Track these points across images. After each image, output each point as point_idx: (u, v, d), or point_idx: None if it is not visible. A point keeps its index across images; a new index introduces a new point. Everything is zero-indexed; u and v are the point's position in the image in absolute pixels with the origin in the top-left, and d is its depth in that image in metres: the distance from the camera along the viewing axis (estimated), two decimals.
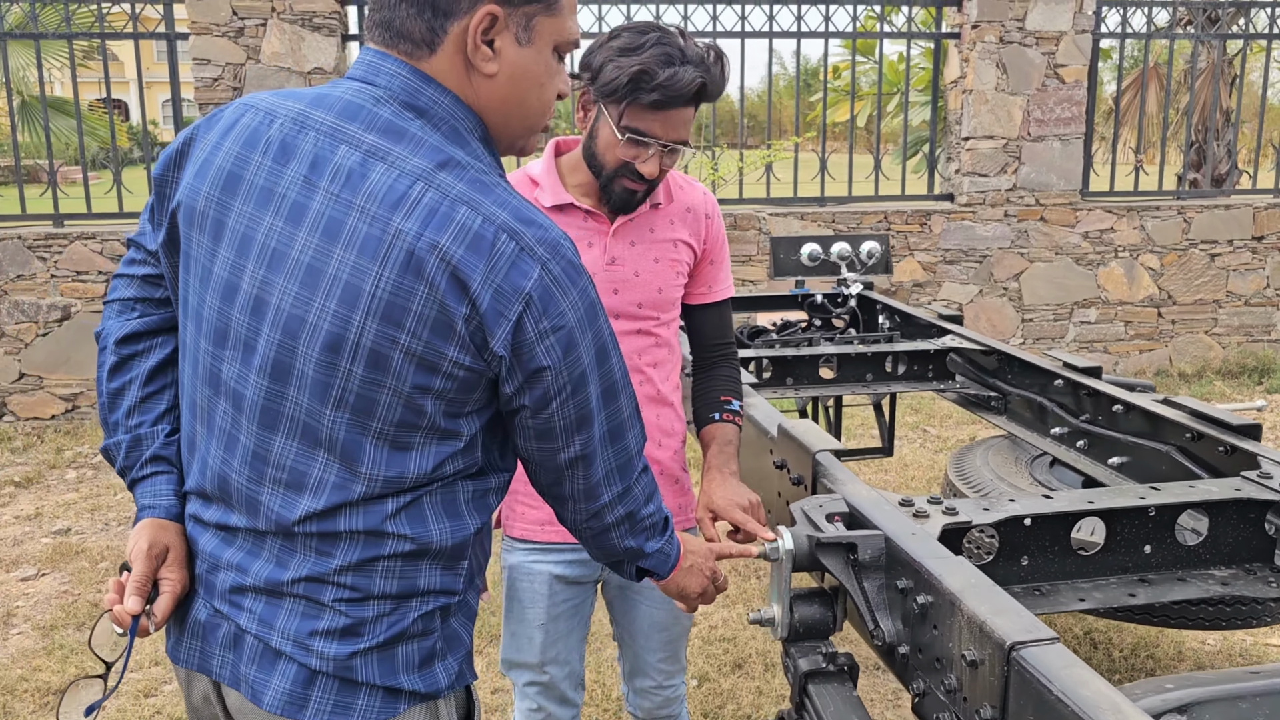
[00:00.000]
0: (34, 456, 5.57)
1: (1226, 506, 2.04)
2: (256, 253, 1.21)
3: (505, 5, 1.21)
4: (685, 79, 1.72)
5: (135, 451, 1.36)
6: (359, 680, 1.24)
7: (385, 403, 1.19)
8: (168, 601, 1.28)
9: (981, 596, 1.51)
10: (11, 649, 3.51)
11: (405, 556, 1.25)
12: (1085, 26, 6.60)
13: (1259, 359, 7.14)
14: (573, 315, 1.22)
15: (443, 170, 1.18)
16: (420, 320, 1.16)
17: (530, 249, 1.18)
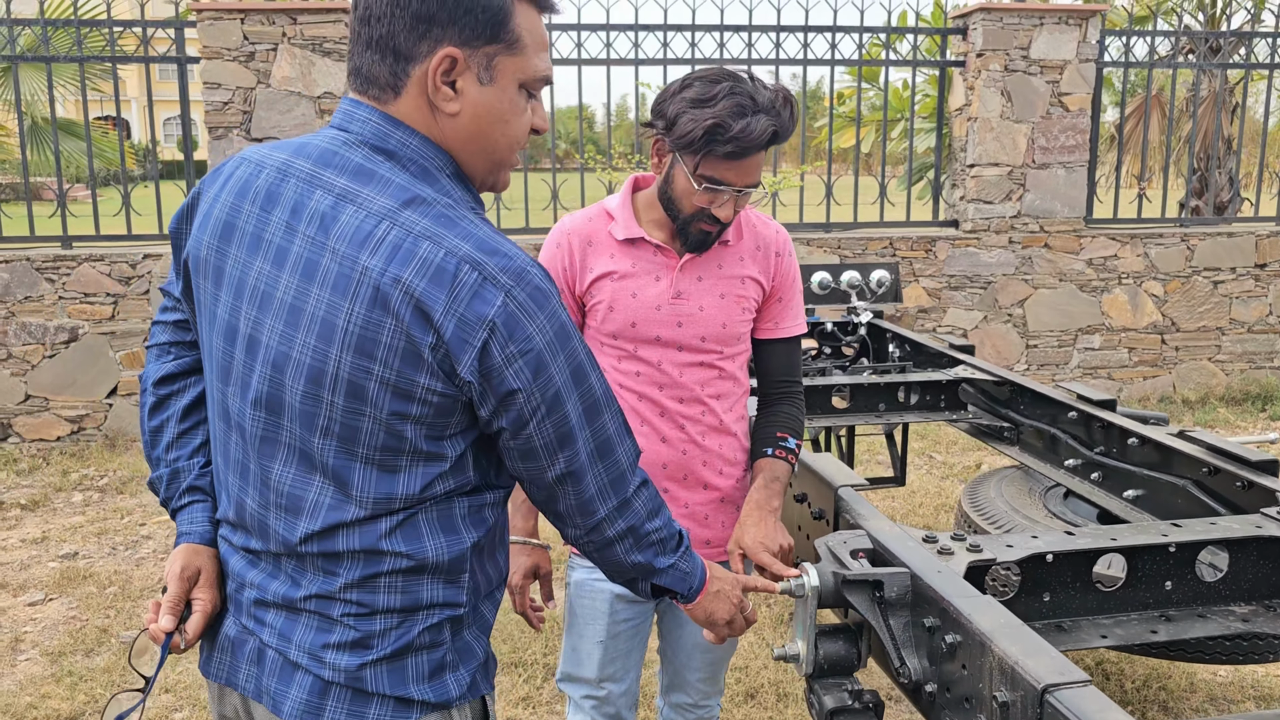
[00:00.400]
0: (40, 479, 5.56)
1: (1247, 543, 2.05)
2: (249, 295, 1.28)
3: (464, 47, 1.26)
4: (758, 129, 1.76)
5: (174, 483, 1.45)
6: (370, 690, 1.30)
7: (367, 429, 1.25)
8: (198, 620, 1.35)
9: (1013, 638, 1.51)
10: (20, 675, 3.50)
11: (404, 573, 1.30)
12: (1089, 55, 6.66)
13: (1262, 386, 7.16)
14: (540, 339, 1.25)
15: (407, 208, 1.23)
16: (391, 350, 1.21)
17: (493, 278, 1.21)
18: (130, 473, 5.58)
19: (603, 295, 1.95)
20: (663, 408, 1.98)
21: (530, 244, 6.41)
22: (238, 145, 5.98)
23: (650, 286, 1.94)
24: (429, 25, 1.24)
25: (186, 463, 1.45)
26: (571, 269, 1.98)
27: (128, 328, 6.03)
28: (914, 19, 6.91)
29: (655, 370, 1.96)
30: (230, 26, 5.87)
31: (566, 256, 1.97)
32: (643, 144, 6.96)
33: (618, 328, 1.95)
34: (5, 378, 5.97)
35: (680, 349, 1.97)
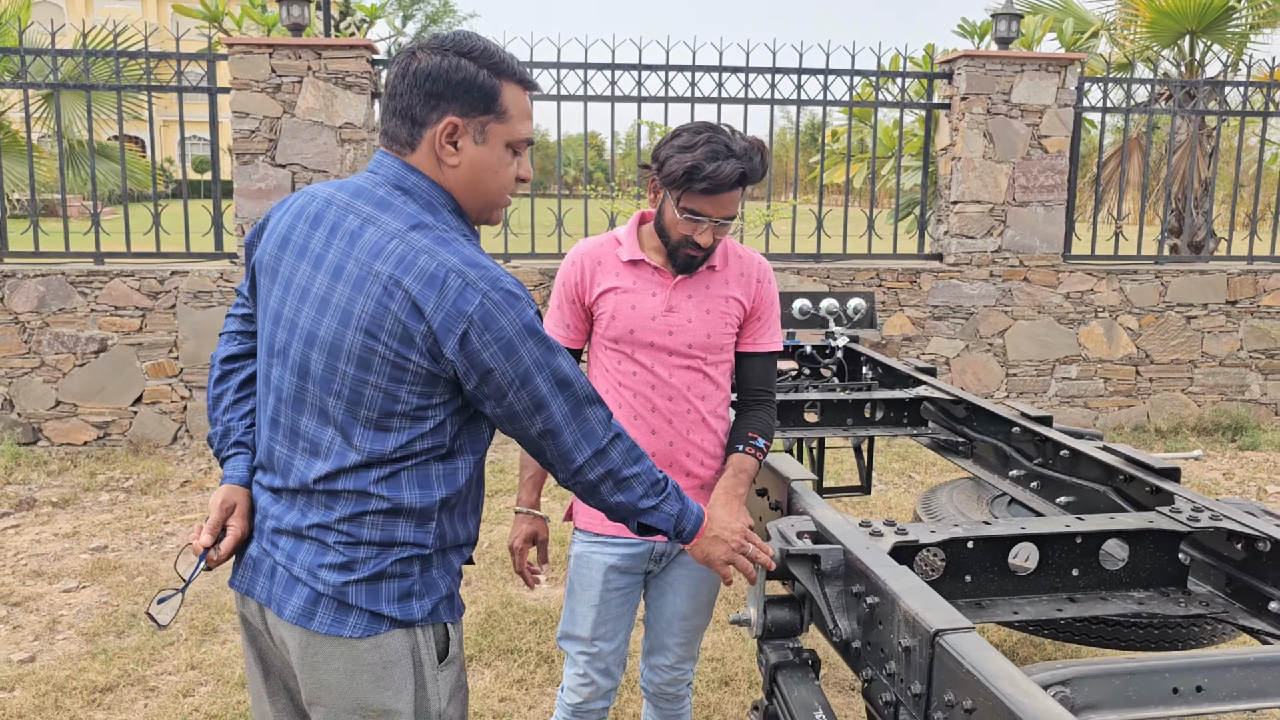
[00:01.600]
0: (69, 480, 5.91)
1: (1145, 537, 2.37)
2: (294, 290, 1.71)
3: (463, 116, 1.67)
4: (726, 171, 2.16)
5: (226, 439, 1.87)
6: (351, 603, 1.67)
7: (369, 395, 1.63)
8: (229, 541, 1.76)
9: (915, 596, 1.84)
10: (58, 652, 3.83)
11: (385, 513, 1.67)
12: (1067, 101, 7.04)
13: (1233, 417, 7.47)
14: (510, 329, 1.61)
15: (413, 230, 1.63)
16: (391, 335, 1.60)
17: (473, 284, 1.59)
18: (154, 476, 5.93)
19: (607, 306, 2.34)
20: (654, 404, 2.34)
21: (535, 267, 6.78)
22: (263, 170, 6.37)
23: (648, 300, 2.33)
24: (438, 100, 1.67)
25: (237, 423, 1.86)
26: (583, 283, 2.37)
27: (154, 340, 6.39)
28: (903, 63, 7.29)
29: (648, 372, 2.33)
30: (259, 60, 6.27)
31: (579, 273, 2.38)
32: (644, 179, 7.35)
33: (619, 334, 2.33)
34: (38, 384, 6.33)
35: (671, 354, 2.34)
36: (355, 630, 1.67)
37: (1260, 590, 2.25)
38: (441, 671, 1.76)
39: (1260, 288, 7.48)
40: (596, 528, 2.41)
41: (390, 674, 1.69)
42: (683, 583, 2.48)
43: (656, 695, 2.60)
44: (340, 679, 1.69)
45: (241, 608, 1.82)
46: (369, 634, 1.67)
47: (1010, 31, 7.04)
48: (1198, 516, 2.35)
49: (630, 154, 14.61)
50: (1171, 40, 8.58)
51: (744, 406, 2.48)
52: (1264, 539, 2.24)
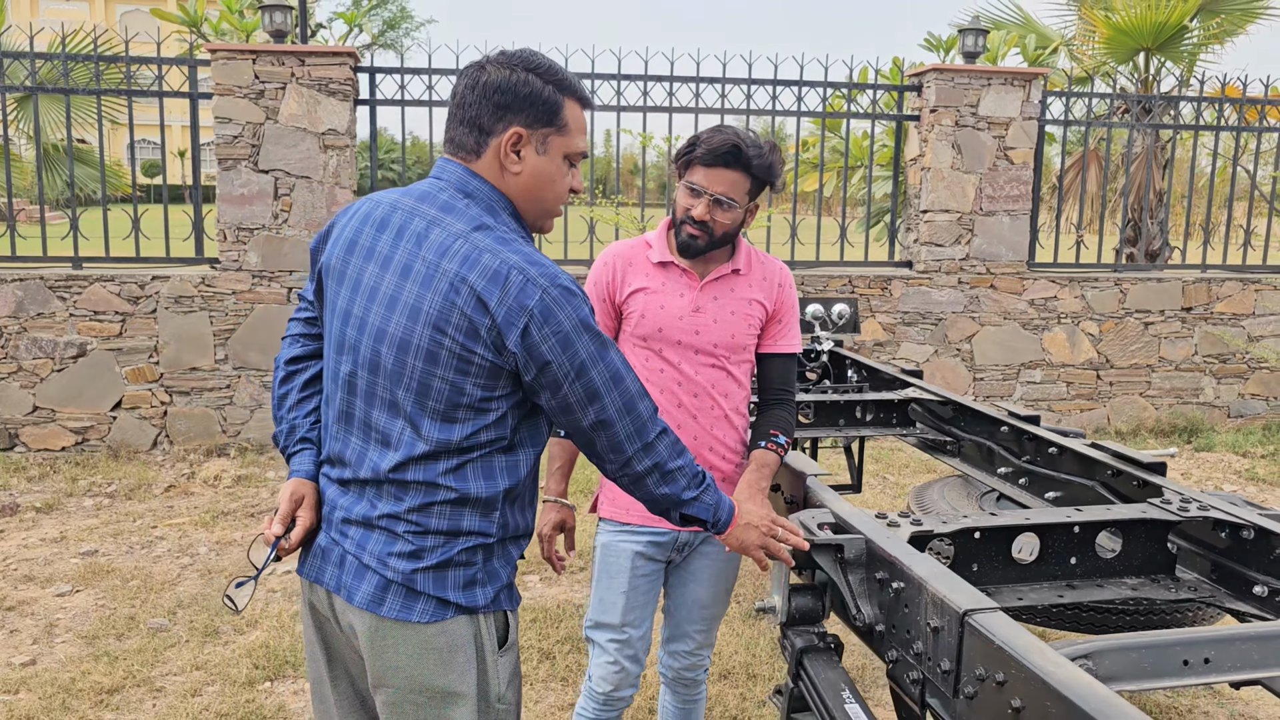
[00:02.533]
0: (50, 485, 5.87)
1: (1136, 527, 2.52)
2: (362, 290, 1.79)
3: (527, 127, 1.77)
4: (719, 140, 2.33)
5: (292, 435, 1.95)
6: (419, 590, 1.75)
7: (437, 387, 1.71)
8: (298, 531, 1.84)
9: (942, 580, 1.97)
10: (59, 655, 3.83)
11: (453, 503, 1.75)
12: (1032, 114, 7.28)
13: (1188, 419, 7.76)
14: (568, 324, 1.70)
15: (476, 231, 1.72)
16: (457, 329, 1.68)
17: (534, 280, 1.68)
18: (137, 481, 5.91)
19: (637, 305, 2.46)
20: (679, 400, 2.45)
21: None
22: (245, 176, 6.38)
23: (676, 301, 2.45)
24: (505, 111, 1.77)
25: (302, 420, 1.95)
26: (614, 282, 2.50)
27: (134, 345, 6.37)
28: (874, 75, 7.50)
29: (675, 369, 2.45)
30: (242, 66, 6.29)
31: (611, 273, 2.50)
32: (673, 176, 7.47)
33: (647, 332, 2.44)
34: (15, 389, 6.28)
35: (697, 352, 2.46)
36: (423, 616, 1.75)
37: (1245, 575, 2.41)
38: (502, 657, 1.85)
39: (1213, 295, 7.78)
40: (622, 517, 2.52)
41: (454, 658, 1.78)
42: (704, 572, 2.60)
43: (675, 680, 2.71)
44: (407, 662, 1.77)
45: (309, 595, 1.89)
46: (436, 619, 1.76)
47: (977, 46, 7.27)
48: (1187, 507, 2.51)
49: (605, 159, 14.70)
50: (1127, 57, 8.89)
51: (765, 405, 2.60)
52: (1248, 527, 2.40)
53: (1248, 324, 7.86)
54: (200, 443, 6.52)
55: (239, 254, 6.46)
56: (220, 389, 6.54)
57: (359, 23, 7.00)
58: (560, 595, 4.44)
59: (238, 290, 6.48)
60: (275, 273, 6.50)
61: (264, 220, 6.45)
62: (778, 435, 2.50)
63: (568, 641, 3.95)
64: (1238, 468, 6.87)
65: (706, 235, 2.41)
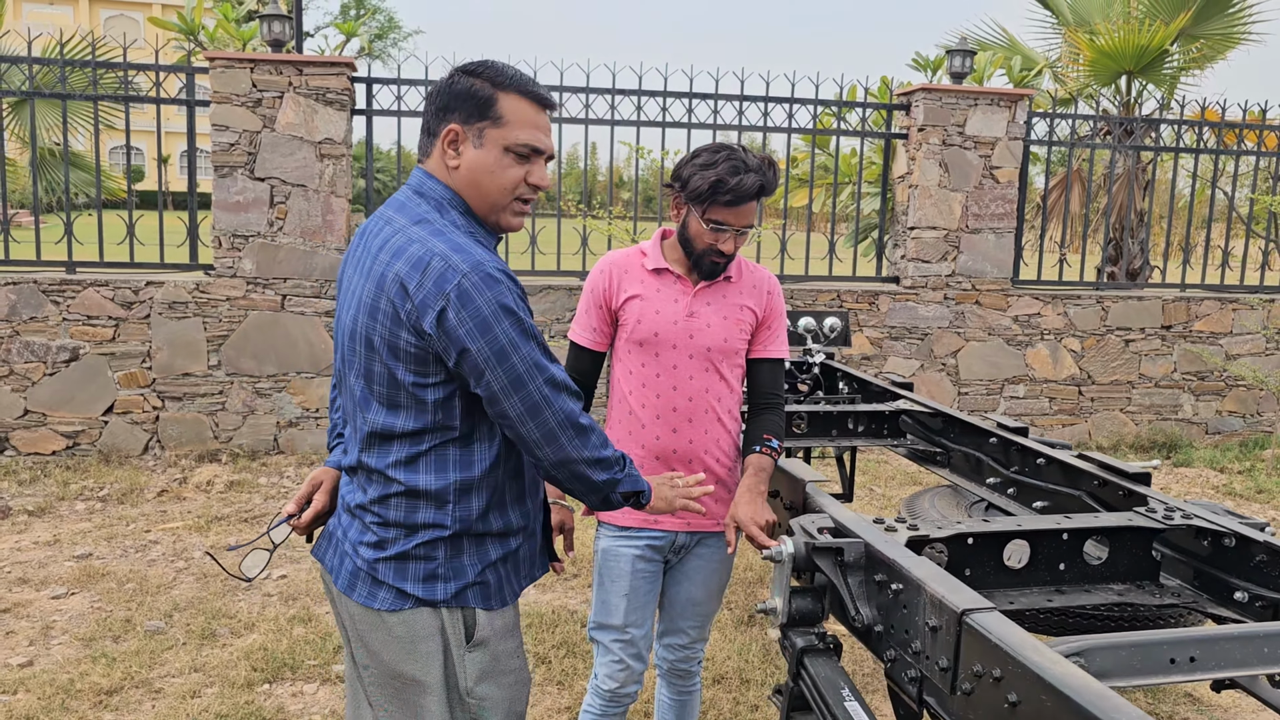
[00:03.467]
0: (41, 489, 5.88)
1: (1123, 535, 2.61)
2: (347, 295, 1.92)
3: (463, 124, 1.87)
4: (748, 183, 2.41)
5: (332, 432, 2.16)
6: (380, 579, 1.86)
7: (378, 372, 1.82)
8: (309, 513, 2.02)
9: (940, 581, 2.05)
10: (56, 656, 3.86)
11: (405, 496, 1.84)
12: (1017, 134, 7.42)
13: (1168, 435, 7.90)
14: (486, 309, 1.74)
15: (415, 225, 1.82)
16: (385, 314, 1.78)
17: (454, 266, 1.74)
18: (129, 485, 5.93)
19: (633, 311, 2.54)
20: (674, 404, 2.53)
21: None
22: (241, 183, 6.43)
23: (670, 306, 2.54)
24: (444, 111, 1.89)
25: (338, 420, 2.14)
26: (610, 289, 2.57)
27: (127, 349, 6.39)
28: (863, 94, 7.62)
29: (671, 373, 2.53)
30: (240, 74, 6.34)
31: (607, 280, 2.58)
32: (665, 196, 7.57)
33: (644, 336, 2.52)
34: (6, 393, 6.28)
35: (691, 356, 2.54)
36: (384, 604, 1.86)
37: (1226, 581, 2.50)
38: (470, 653, 1.91)
39: (1193, 314, 7.93)
40: (620, 521, 2.59)
41: (417, 648, 1.87)
42: (698, 572, 2.68)
43: (670, 672, 2.79)
44: (377, 647, 1.89)
45: (324, 575, 2.03)
46: (395, 609, 1.86)
47: (964, 67, 7.41)
48: (1171, 515, 2.60)
49: (573, 171, 14.76)
50: (1110, 79, 9.06)
51: (756, 410, 2.68)
52: (1230, 535, 2.49)
53: (1225, 342, 8.02)
54: (192, 448, 6.54)
55: (234, 261, 6.50)
56: (213, 395, 6.56)
57: (354, 33, 7.06)
58: (555, 601, 4.49)
59: (232, 297, 6.51)
60: (269, 280, 6.54)
61: (259, 227, 6.49)
62: (771, 440, 2.59)
63: (563, 646, 4.00)
64: (1215, 483, 7.00)
65: (726, 260, 2.52)
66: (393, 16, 43.60)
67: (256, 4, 8.44)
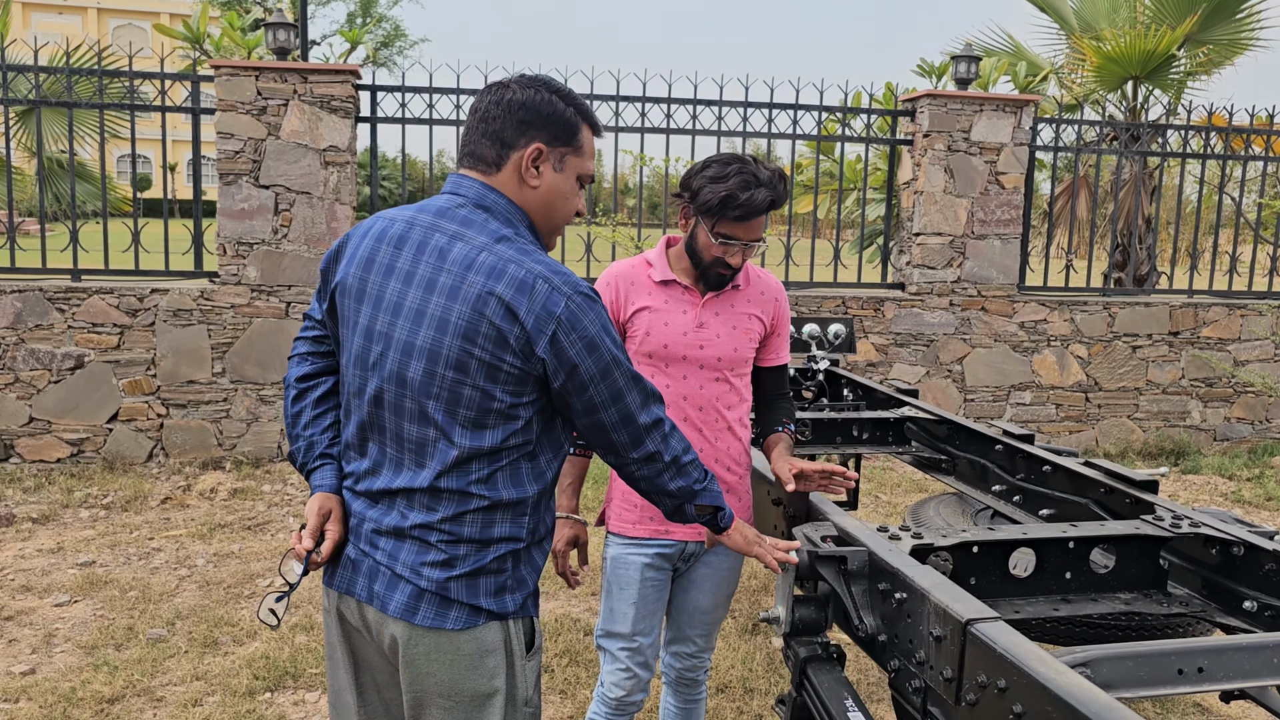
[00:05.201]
0: (45, 496, 5.88)
1: (1129, 543, 2.59)
2: (384, 306, 1.83)
3: (548, 144, 1.86)
4: (759, 199, 2.39)
5: (310, 452, 1.98)
6: (452, 598, 1.80)
7: (467, 395, 1.77)
8: (328, 544, 1.89)
9: (944, 590, 2.03)
10: (58, 664, 3.85)
11: (484, 510, 1.81)
12: (1023, 140, 7.40)
13: (1175, 442, 7.86)
14: (592, 329, 1.78)
15: (499, 243, 1.79)
16: (486, 338, 1.74)
17: (559, 289, 1.76)
18: (133, 493, 5.92)
19: (641, 324, 2.52)
20: (686, 414, 2.51)
21: None
22: (246, 191, 6.43)
23: (679, 317, 2.52)
24: (528, 127, 1.85)
25: (319, 436, 1.98)
26: (617, 302, 2.56)
27: (132, 357, 6.39)
28: (868, 100, 7.61)
29: (681, 383, 2.51)
30: (245, 82, 6.35)
31: (614, 293, 2.56)
32: (673, 206, 7.56)
33: (653, 349, 2.50)
34: (11, 400, 6.29)
35: (701, 367, 2.53)
36: (456, 623, 1.80)
37: (1235, 590, 2.48)
38: (529, 661, 1.91)
39: (1200, 320, 7.89)
40: (629, 531, 2.57)
41: (485, 662, 1.83)
42: (706, 580, 2.67)
43: (677, 681, 2.77)
44: (440, 668, 1.82)
45: (339, 605, 1.93)
46: (468, 626, 1.81)
47: (969, 73, 7.39)
48: (1179, 523, 2.57)
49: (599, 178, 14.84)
50: (1116, 85, 9.04)
51: (767, 404, 2.73)
52: (1238, 543, 2.47)
53: (1234, 349, 7.98)
54: (196, 455, 6.53)
55: (238, 268, 6.50)
56: (217, 402, 6.56)
57: (359, 41, 7.07)
58: (558, 609, 4.47)
59: (236, 304, 6.51)
60: (274, 287, 6.54)
61: (264, 235, 6.50)
62: (788, 422, 2.66)
63: (566, 655, 3.98)
64: (1224, 490, 6.96)
65: (734, 272, 2.52)
66: (399, 25, 43.74)
67: (262, 12, 8.47)
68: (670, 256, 2.60)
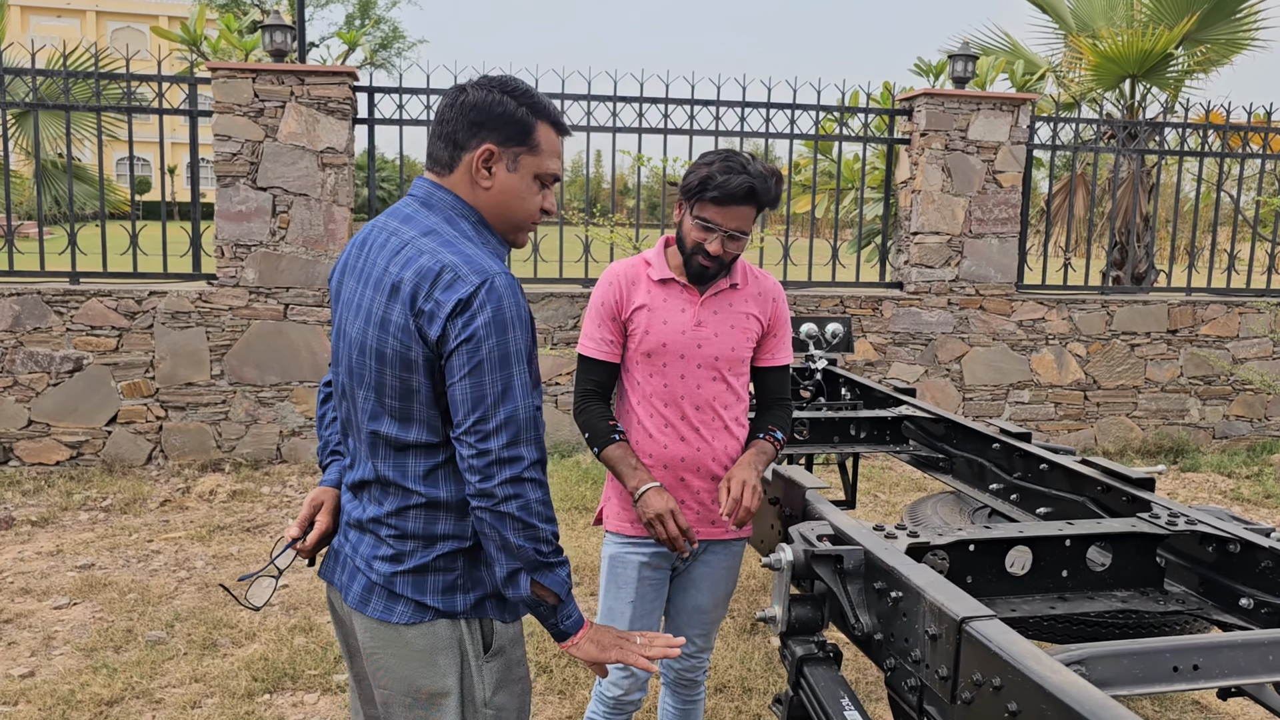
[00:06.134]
0: (44, 499, 5.88)
1: (1126, 541, 2.59)
2: (349, 306, 1.89)
3: (500, 145, 1.86)
4: (736, 183, 2.38)
5: (325, 450, 2.13)
6: (399, 593, 1.84)
7: (390, 385, 1.79)
8: (314, 533, 1.98)
9: (939, 588, 2.03)
10: (58, 667, 3.85)
11: (425, 508, 1.82)
12: (1020, 138, 7.40)
13: (1174, 440, 7.86)
14: (482, 318, 1.70)
15: (424, 236, 1.81)
16: (397, 326, 1.76)
17: (464, 276, 1.73)
18: (132, 495, 5.92)
19: (640, 322, 2.53)
20: (683, 412, 2.51)
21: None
22: (244, 193, 6.44)
23: (678, 316, 2.52)
24: (479, 128, 1.86)
25: (332, 436, 2.11)
26: (620, 300, 2.56)
27: (130, 359, 6.40)
28: (865, 99, 7.61)
29: (679, 382, 2.51)
30: (242, 85, 6.35)
31: (616, 291, 2.57)
32: (670, 198, 7.57)
33: (652, 347, 2.50)
34: (10, 404, 6.29)
35: (699, 366, 2.53)
36: (403, 618, 1.84)
37: (1231, 588, 2.48)
38: (488, 663, 1.90)
39: (1198, 318, 7.90)
40: (627, 530, 2.58)
41: (436, 660, 1.86)
42: (704, 580, 2.66)
43: (675, 681, 2.77)
44: (393, 662, 1.86)
45: (329, 595, 2.02)
46: (414, 621, 1.84)
47: (966, 72, 7.39)
48: (1175, 521, 2.57)
49: (576, 179, 14.79)
50: (1113, 83, 9.04)
51: (764, 408, 2.71)
52: (1235, 541, 2.47)
53: (1232, 346, 7.98)
54: (195, 458, 6.54)
55: (236, 270, 6.50)
56: (216, 404, 6.56)
57: (357, 42, 7.08)
58: None
59: (234, 306, 6.51)
60: (272, 289, 6.55)
61: (261, 237, 6.50)
62: (775, 430, 2.62)
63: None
64: (1223, 488, 6.96)
65: (718, 265, 2.50)
66: (397, 26, 43.77)
67: (260, 15, 8.47)
68: (669, 256, 2.61)
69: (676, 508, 2.40)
